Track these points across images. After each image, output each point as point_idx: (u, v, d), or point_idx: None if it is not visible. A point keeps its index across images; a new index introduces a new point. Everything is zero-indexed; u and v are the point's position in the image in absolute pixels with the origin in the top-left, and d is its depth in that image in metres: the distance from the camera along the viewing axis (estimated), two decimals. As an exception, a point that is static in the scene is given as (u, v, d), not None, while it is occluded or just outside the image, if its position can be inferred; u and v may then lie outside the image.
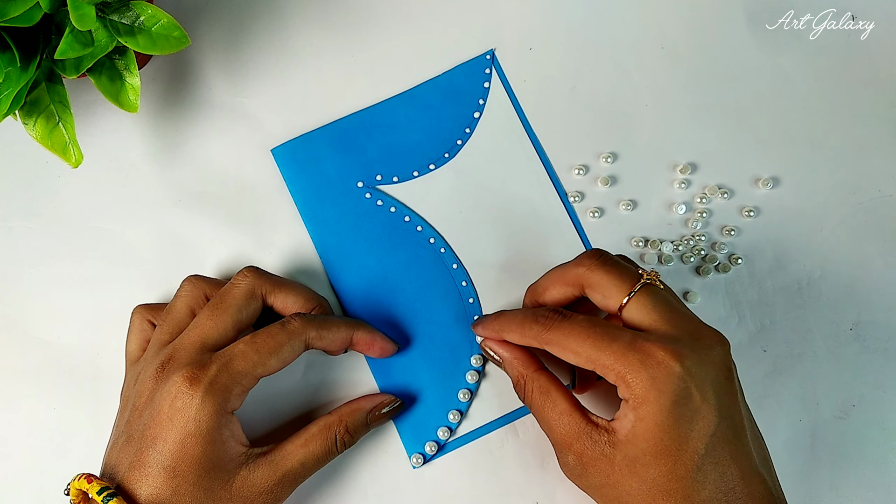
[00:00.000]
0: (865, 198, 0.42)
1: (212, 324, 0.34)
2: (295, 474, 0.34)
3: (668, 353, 0.30)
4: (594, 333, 0.31)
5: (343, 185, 0.42)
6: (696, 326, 0.32)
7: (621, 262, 0.34)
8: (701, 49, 0.44)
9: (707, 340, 0.31)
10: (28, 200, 0.42)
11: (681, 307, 0.33)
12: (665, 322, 0.31)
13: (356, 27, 0.44)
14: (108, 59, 0.36)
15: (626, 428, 0.31)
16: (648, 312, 0.32)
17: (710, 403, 0.30)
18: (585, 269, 0.33)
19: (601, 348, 0.31)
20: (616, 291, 0.32)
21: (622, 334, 0.31)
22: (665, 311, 0.32)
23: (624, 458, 0.31)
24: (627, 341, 0.31)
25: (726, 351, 0.32)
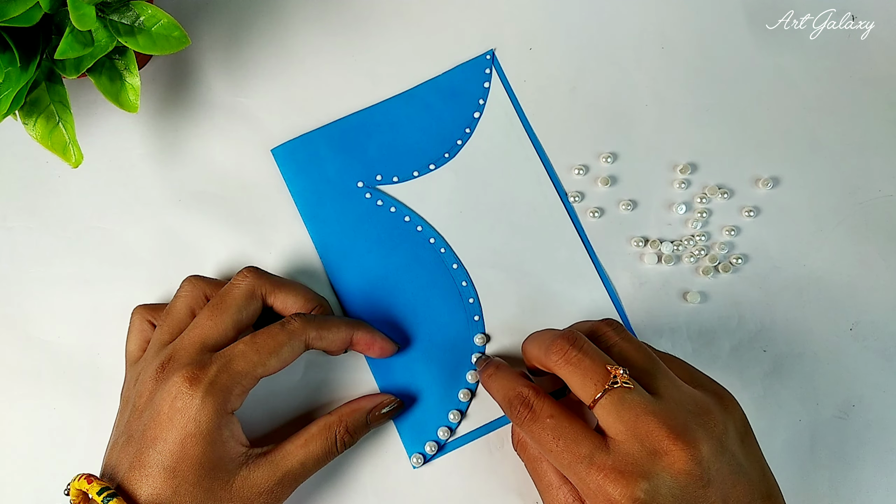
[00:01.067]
0: (865, 198, 0.42)
1: (212, 324, 0.34)
2: (295, 474, 0.34)
3: (622, 486, 0.29)
4: (556, 447, 0.31)
5: (343, 185, 0.42)
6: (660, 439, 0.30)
7: (588, 355, 0.32)
8: (701, 49, 0.44)
9: (666, 459, 0.30)
10: (28, 200, 0.42)
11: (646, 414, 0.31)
12: (629, 434, 0.30)
13: (356, 27, 0.44)
14: (108, 59, 0.36)
15: None
16: (613, 420, 0.31)
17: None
18: (555, 363, 0.33)
19: (563, 466, 0.31)
20: (584, 392, 0.32)
21: (581, 452, 0.31)
22: (629, 420, 0.31)
23: None
24: (585, 465, 0.30)
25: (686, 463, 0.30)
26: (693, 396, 0.32)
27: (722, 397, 0.33)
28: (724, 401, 0.33)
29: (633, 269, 0.41)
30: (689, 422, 0.31)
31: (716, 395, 0.33)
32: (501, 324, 0.40)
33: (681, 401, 0.32)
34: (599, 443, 0.31)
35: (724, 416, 0.32)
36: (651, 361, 0.33)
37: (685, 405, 0.31)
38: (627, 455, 0.30)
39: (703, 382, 0.34)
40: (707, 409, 0.31)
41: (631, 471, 0.30)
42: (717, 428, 0.31)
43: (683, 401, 0.32)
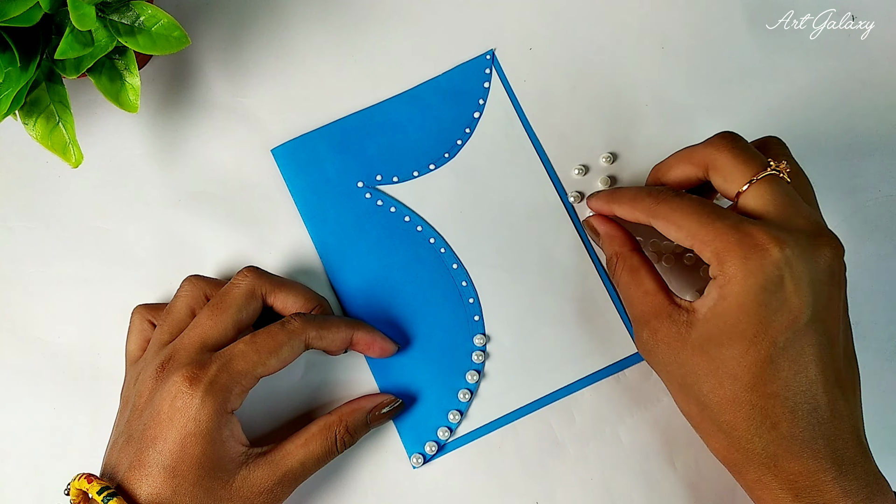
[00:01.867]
0: (865, 198, 0.42)
1: (212, 324, 0.34)
2: (295, 474, 0.34)
3: (769, 237, 0.29)
4: (702, 210, 0.31)
5: (343, 185, 0.42)
6: (812, 224, 0.30)
7: (752, 148, 0.33)
8: (701, 49, 0.44)
9: (818, 240, 0.30)
10: (28, 200, 0.42)
11: (801, 203, 0.31)
12: (779, 212, 0.30)
13: (356, 27, 0.44)
14: (108, 59, 0.36)
15: (706, 306, 0.30)
16: (766, 201, 0.31)
17: (802, 298, 0.29)
18: (713, 150, 0.33)
19: (704, 224, 0.30)
20: (738, 175, 0.31)
21: (730, 215, 0.30)
22: (783, 202, 0.30)
23: (698, 336, 0.30)
24: (732, 222, 0.30)
25: (837, 255, 0.30)
26: None
27: None
28: None
29: (633, 269, 0.41)
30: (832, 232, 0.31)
31: None
32: (501, 324, 0.40)
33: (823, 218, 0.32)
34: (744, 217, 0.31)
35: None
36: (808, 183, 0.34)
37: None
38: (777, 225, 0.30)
39: None
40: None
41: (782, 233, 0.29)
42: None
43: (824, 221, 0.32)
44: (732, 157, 0.32)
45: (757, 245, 0.29)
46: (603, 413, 0.39)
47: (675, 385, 0.32)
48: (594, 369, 0.40)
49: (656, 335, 0.32)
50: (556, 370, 0.40)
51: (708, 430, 0.32)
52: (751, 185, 0.31)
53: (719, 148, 0.32)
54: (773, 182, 0.31)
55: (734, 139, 0.33)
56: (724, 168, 0.32)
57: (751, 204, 0.31)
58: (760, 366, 0.29)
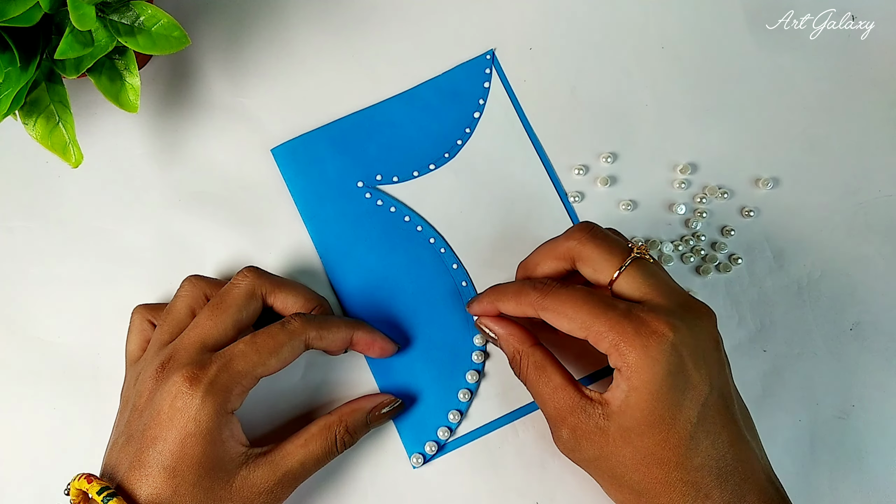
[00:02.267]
0: (865, 198, 0.42)
1: (212, 324, 0.34)
2: (295, 474, 0.34)
3: (662, 322, 0.30)
4: (590, 301, 0.31)
5: (343, 185, 0.42)
6: (686, 298, 0.32)
7: (611, 235, 0.34)
8: (701, 49, 0.44)
9: (697, 312, 0.32)
10: (28, 200, 0.42)
11: (669, 280, 0.33)
12: (656, 294, 0.32)
13: (356, 27, 0.44)
14: (108, 59, 0.36)
15: (619, 398, 0.31)
16: (639, 285, 0.32)
17: (701, 373, 0.30)
18: (576, 243, 0.33)
19: (596, 315, 0.31)
20: (607, 266, 0.32)
21: (617, 303, 0.31)
22: (656, 283, 0.32)
23: (618, 428, 0.31)
24: (623, 310, 0.31)
25: (713, 323, 0.32)
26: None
27: None
28: None
29: (633, 269, 0.41)
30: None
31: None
32: (501, 324, 0.40)
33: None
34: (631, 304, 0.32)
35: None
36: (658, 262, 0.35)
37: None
38: (660, 306, 0.31)
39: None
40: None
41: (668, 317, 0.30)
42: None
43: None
44: (596, 248, 0.33)
45: (653, 332, 0.30)
46: (603, 413, 0.39)
47: (606, 478, 0.33)
48: (594, 369, 0.40)
49: (576, 432, 0.32)
50: (556, 370, 0.40)
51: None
52: (620, 273, 0.32)
53: (581, 241, 0.33)
54: (640, 266, 0.32)
55: (592, 230, 0.34)
56: (591, 260, 0.33)
57: (626, 291, 0.32)
58: (684, 445, 0.30)
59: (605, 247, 0.33)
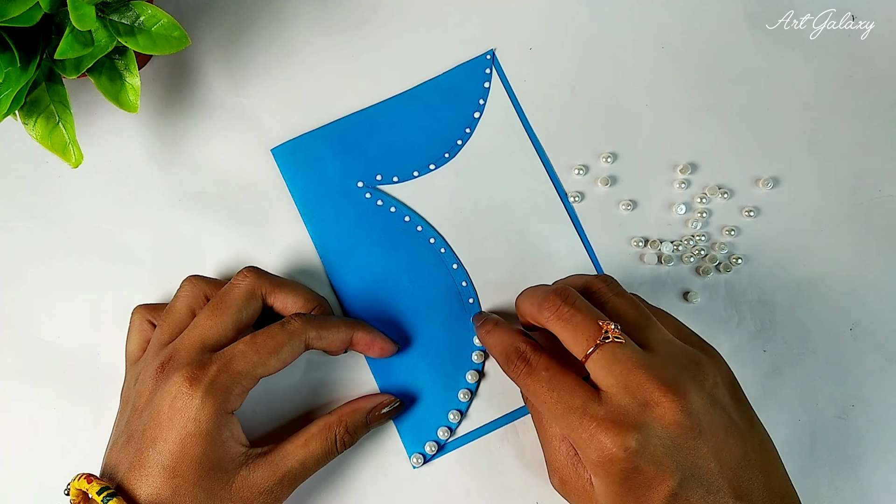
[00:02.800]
0: (865, 198, 0.42)
1: (212, 324, 0.34)
2: (295, 474, 0.34)
3: (613, 435, 0.30)
4: (551, 399, 0.32)
5: (343, 185, 0.42)
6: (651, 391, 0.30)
7: (580, 311, 0.33)
8: (701, 49, 0.44)
9: (657, 410, 0.30)
10: (28, 200, 0.42)
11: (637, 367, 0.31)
12: (619, 387, 0.31)
13: (356, 27, 0.44)
14: (108, 59, 0.36)
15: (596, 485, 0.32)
16: (605, 374, 0.31)
17: (665, 470, 0.30)
18: (545, 319, 0.33)
19: (556, 417, 0.32)
20: (576, 347, 0.32)
21: (574, 403, 0.31)
22: (620, 373, 0.31)
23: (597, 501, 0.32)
24: (578, 416, 0.31)
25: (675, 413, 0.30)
26: (683, 350, 0.33)
27: (710, 353, 0.34)
28: (712, 356, 0.33)
29: (633, 270, 0.41)
30: (679, 374, 0.31)
31: (704, 351, 0.33)
32: (501, 324, 0.40)
33: (671, 354, 0.32)
34: (592, 395, 0.31)
35: (713, 370, 0.32)
36: (643, 316, 0.33)
37: (676, 359, 0.32)
38: (619, 407, 0.31)
39: (693, 339, 0.34)
40: (697, 362, 0.32)
41: (623, 421, 0.30)
42: (708, 381, 0.32)
43: (674, 354, 0.32)
44: (563, 330, 0.33)
45: (602, 446, 0.30)
46: (603, 413, 0.39)
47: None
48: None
49: (565, 486, 0.34)
50: (556, 370, 0.40)
51: None
52: (589, 356, 0.32)
53: (549, 320, 0.33)
54: (608, 352, 0.31)
55: (559, 307, 0.33)
56: (563, 338, 0.33)
57: (594, 374, 0.32)
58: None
59: (571, 328, 0.32)
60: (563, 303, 0.33)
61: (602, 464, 0.30)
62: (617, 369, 0.31)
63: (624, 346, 0.31)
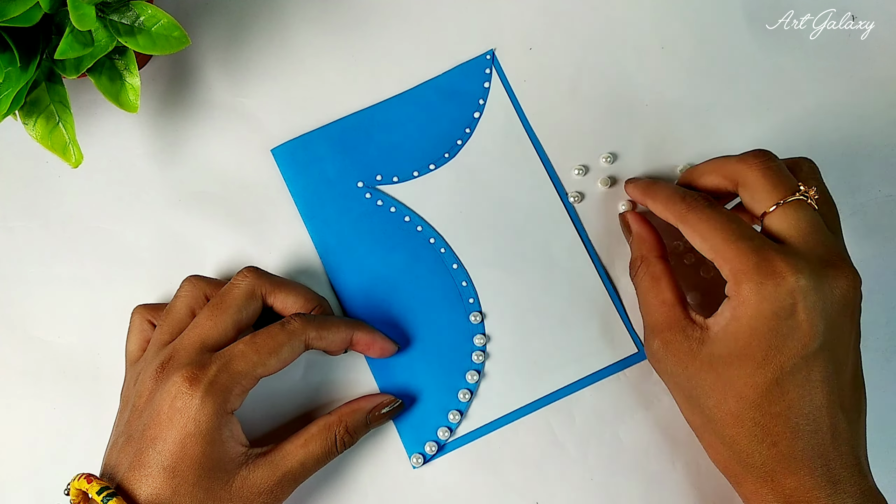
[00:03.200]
0: (865, 198, 0.42)
1: (212, 324, 0.34)
2: (294, 474, 0.34)
3: (787, 265, 0.29)
4: (728, 227, 0.31)
5: (343, 185, 0.42)
6: (832, 254, 0.31)
7: (784, 170, 0.33)
8: (701, 49, 0.44)
9: (836, 271, 0.30)
10: (28, 200, 0.42)
11: (824, 231, 0.31)
12: (802, 239, 0.31)
13: (356, 27, 0.44)
14: (108, 59, 0.36)
15: (719, 325, 0.31)
16: (790, 226, 0.31)
17: (813, 327, 0.29)
18: (745, 167, 0.33)
19: (728, 240, 0.31)
20: (766, 196, 0.32)
21: (754, 236, 0.31)
22: (806, 229, 0.31)
23: (708, 353, 0.31)
24: (755, 244, 0.30)
25: (852, 287, 0.30)
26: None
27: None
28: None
29: (633, 269, 0.41)
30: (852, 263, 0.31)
31: None
32: (501, 324, 0.40)
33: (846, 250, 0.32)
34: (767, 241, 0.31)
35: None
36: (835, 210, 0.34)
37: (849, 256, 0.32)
38: (798, 253, 0.30)
39: None
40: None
41: (800, 261, 0.30)
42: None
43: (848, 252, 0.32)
44: (763, 177, 0.32)
45: (774, 271, 0.30)
46: (603, 413, 0.39)
47: (682, 395, 0.33)
48: (594, 369, 0.40)
49: (667, 347, 0.33)
50: (556, 370, 0.40)
51: (710, 441, 0.33)
52: (777, 207, 0.31)
53: (751, 166, 0.33)
54: (799, 207, 0.31)
55: (767, 158, 0.33)
56: (754, 187, 0.32)
57: (775, 227, 0.32)
58: (767, 387, 0.30)
59: (772, 178, 0.32)
60: (771, 157, 0.33)
61: (762, 288, 0.29)
62: (804, 225, 0.31)
63: (816, 211, 0.31)
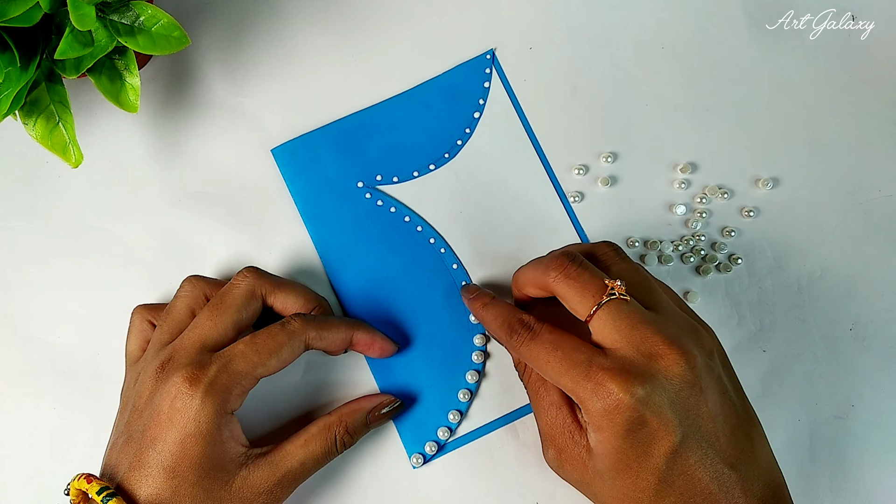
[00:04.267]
0: (865, 198, 0.42)
1: (212, 324, 0.34)
2: (294, 474, 0.34)
3: (620, 383, 0.30)
4: (555, 357, 0.32)
5: (343, 185, 0.42)
6: (655, 344, 0.31)
7: (587, 270, 0.33)
8: (701, 49, 0.44)
9: (664, 361, 0.31)
10: (28, 200, 0.42)
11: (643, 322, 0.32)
12: (624, 342, 0.31)
13: (356, 27, 0.44)
14: (108, 59, 0.36)
15: (592, 443, 0.32)
16: (610, 331, 0.32)
17: (669, 424, 0.30)
18: (552, 280, 0.33)
19: (561, 373, 0.32)
20: (580, 307, 0.33)
21: (580, 357, 0.31)
22: (625, 328, 0.31)
23: (594, 466, 0.32)
24: (583, 368, 0.31)
25: (686, 367, 0.31)
26: (684, 317, 0.33)
27: (706, 328, 0.34)
28: (708, 330, 0.34)
29: (632, 269, 0.41)
30: (682, 334, 0.32)
31: (701, 325, 0.34)
32: (501, 324, 0.40)
33: (673, 316, 0.33)
34: (597, 351, 0.32)
35: (710, 341, 0.33)
36: (647, 281, 0.34)
37: (677, 321, 0.33)
38: (625, 358, 0.31)
39: (690, 313, 0.35)
40: (697, 330, 0.33)
41: (630, 371, 0.30)
42: (706, 347, 0.32)
43: (676, 317, 0.33)
44: (569, 288, 0.33)
45: (609, 393, 0.30)
46: (603, 413, 0.39)
47: (591, 498, 0.34)
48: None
49: (561, 454, 0.34)
50: (555, 370, 0.40)
51: None
52: (594, 314, 0.32)
53: (556, 279, 0.33)
54: (613, 308, 0.32)
55: (565, 266, 0.33)
56: (566, 299, 0.33)
57: (598, 332, 0.32)
58: (655, 487, 0.31)
59: (577, 287, 0.33)
60: (571, 263, 0.33)
61: (607, 413, 0.30)
62: (622, 324, 0.31)
63: (629, 303, 0.32)
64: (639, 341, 0.31)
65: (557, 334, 0.33)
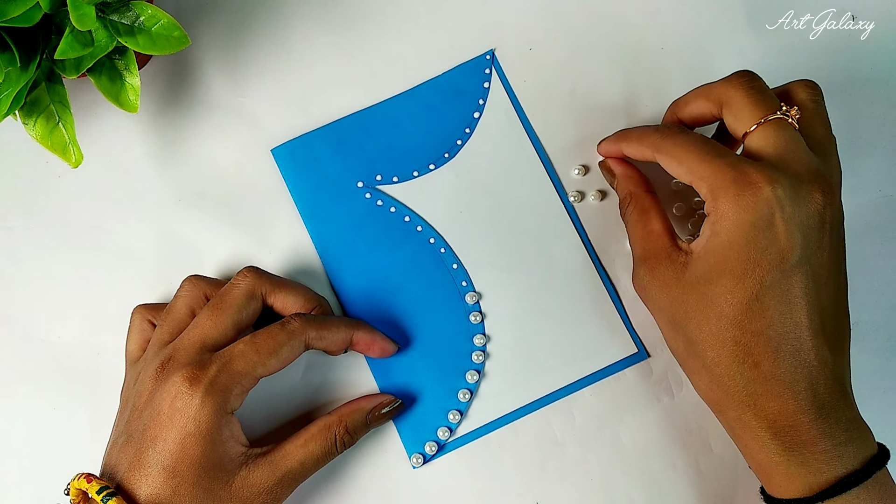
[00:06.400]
0: (865, 198, 0.42)
1: (212, 324, 0.34)
2: (294, 474, 0.34)
3: (763, 176, 0.29)
4: (703, 147, 0.32)
5: (343, 185, 0.42)
6: (807, 170, 0.30)
7: (767, 90, 0.33)
8: (701, 49, 0.44)
9: (810, 185, 0.30)
10: (28, 200, 0.42)
11: (803, 151, 0.31)
12: (778, 155, 0.31)
13: (356, 27, 0.44)
14: (108, 59, 0.36)
15: (700, 245, 0.31)
16: (768, 144, 0.31)
17: (792, 239, 0.29)
18: (729, 87, 0.33)
19: (704, 160, 0.31)
20: (748, 115, 0.32)
21: (729, 154, 0.31)
22: (785, 147, 0.31)
23: (691, 274, 0.31)
24: (730, 160, 0.31)
25: (828, 203, 0.30)
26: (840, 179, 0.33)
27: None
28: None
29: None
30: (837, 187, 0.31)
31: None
32: (501, 324, 0.40)
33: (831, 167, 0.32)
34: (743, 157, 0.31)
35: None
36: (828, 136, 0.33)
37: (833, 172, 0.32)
38: (773, 167, 0.30)
39: None
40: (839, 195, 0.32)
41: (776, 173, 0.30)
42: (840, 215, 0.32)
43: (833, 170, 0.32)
44: (745, 96, 0.32)
45: (750, 183, 0.30)
46: (603, 413, 0.39)
47: (666, 322, 0.33)
48: (594, 369, 0.40)
49: (652, 272, 0.33)
50: (556, 370, 0.40)
51: (693, 368, 0.33)
52: (758, 126, 0.31)
53: (735, 86, 0.33)
54: (779, 126, 0.31)
55: (750, 78, 0.33)
56: (736, 106, 0.33)
57: (755, 145, 0.32)
58: (747, 303, 0.29)
59: (754, 97, 0.32)
60: (753, 77, 0.33)
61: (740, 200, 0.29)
62: (780, 143, 0.31)
63: (796, 130, 0.31)
64: (791, 161, 0.30)
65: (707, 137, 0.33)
